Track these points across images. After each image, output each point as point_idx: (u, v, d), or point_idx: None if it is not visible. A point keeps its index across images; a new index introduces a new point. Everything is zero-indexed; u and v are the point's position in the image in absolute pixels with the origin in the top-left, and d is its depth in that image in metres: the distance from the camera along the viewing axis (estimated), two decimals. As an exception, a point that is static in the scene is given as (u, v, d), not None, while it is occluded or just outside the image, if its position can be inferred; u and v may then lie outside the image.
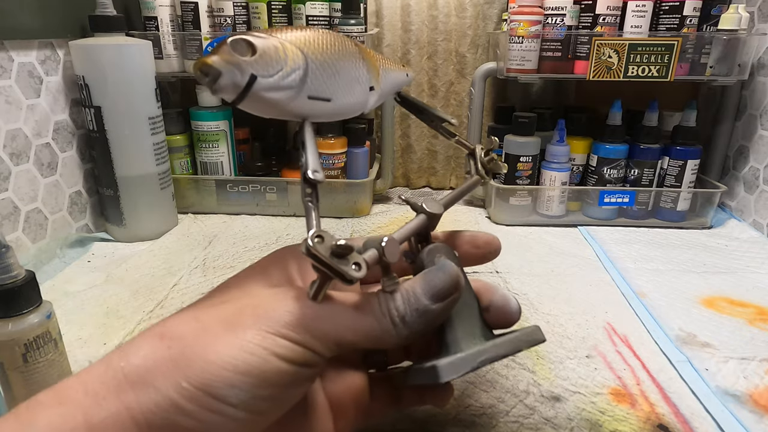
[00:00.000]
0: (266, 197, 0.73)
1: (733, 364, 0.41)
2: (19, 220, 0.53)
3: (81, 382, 0.21)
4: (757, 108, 0.70)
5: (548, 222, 0.71)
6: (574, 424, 0.35)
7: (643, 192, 0.69)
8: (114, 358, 0.21)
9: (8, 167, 0.52)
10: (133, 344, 0.22)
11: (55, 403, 0.21)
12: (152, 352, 0.21)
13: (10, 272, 0.31)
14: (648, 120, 0.68)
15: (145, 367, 0.21)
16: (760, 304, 0.50)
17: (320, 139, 0.71)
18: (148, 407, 0.20)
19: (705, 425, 0.35)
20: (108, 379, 0.21)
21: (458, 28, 0.78)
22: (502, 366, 0.40)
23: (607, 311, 0.49)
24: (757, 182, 0.69)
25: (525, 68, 0.66)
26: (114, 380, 0.21)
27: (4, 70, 0.51)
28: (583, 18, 0.66)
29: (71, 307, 0.48)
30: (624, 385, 0.39)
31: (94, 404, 0.20)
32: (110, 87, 0.57)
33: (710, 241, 0.65)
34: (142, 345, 0.22)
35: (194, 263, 0.58)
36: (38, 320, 0.33)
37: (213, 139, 0.71)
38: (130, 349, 0.22)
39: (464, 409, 0.36)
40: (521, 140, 0.68)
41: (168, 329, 0.22)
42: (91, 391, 0.21)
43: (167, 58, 0.69)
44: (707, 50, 0.65)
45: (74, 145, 0.62)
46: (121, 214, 0.62)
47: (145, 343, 0.22)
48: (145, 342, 0.22)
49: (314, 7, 0.66)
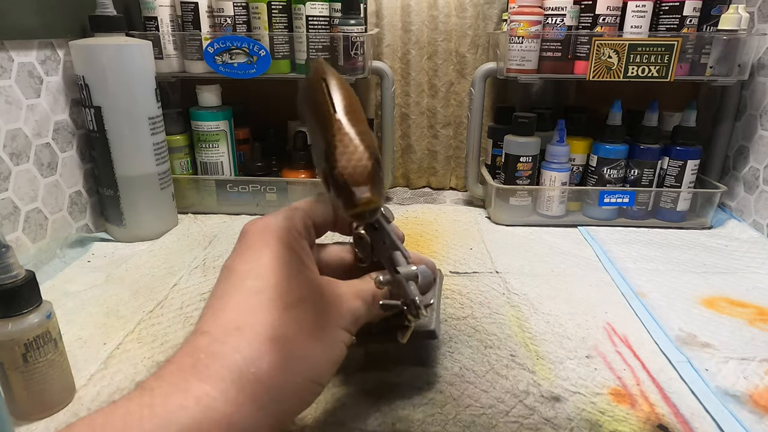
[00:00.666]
0: (266, 197, 0.73)
1: (733, 364, 0.41)
2: (19, 220, 0.53)
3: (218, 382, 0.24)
4: (757, 108, 0.70)
5: (548, 222, 0.71)
6: (574, 424, 0.35)
7: (643, 192, 0.69)
8: (242, 365, 0.25)
9: (8, 167, 0.52)
10: (252, 351, 0.25)
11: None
12: (268, 356, 0.25)
13: (10, 272, 0.31)
14: (648, 120, 0.68)
15: (273, 373, 0.26)
16: (760, 304, 0.50)
17: (320, 139, 0.71)
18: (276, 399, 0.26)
19: (705, 425, 0.35)
20: (244, 384, 0.24)
21: (458, 28, 0.78)
22: (502, 366, 0.40)
23: (607, 311, 0.49)
24: (757, 182, 0.69)
25: (525, 68, 0.66)
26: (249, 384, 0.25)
27: (4, 70, 0.51)
28: (583, 18, 0.66)
29: (71, 307, 0.48)
30: (624, 386, 0.38)
31: (235, 410, 0.24)
32: (110, 87, 0.57)
33: (710, 242, 0.65)
34: (262, 352, 0.25)
35: (194, 263, 0.58)
36: (38, 320, 0.33)
37: (213, 139, 0.71)
38: (252, 355, 0.25)
39: (464, 409, 0.36)
40: (521, 140, 0.68)
41: (279, 331, 0.26)
42: (232, 399, 0.24)
43: (167, 58, 0.69)
44: (707, 50, 0.65)
45: (74, 145, 0.62)
46: (121, 214, 0.62)
47: (263, 348, 0.26)
48: (262, 347, 0.26)
49: (314, 7, 0.66)
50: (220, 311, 0.27)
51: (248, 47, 0.66)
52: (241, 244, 0.31)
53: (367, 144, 0.25)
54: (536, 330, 0.45)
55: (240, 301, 0.27)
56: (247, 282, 0.28)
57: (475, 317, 0.47)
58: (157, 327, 0.45)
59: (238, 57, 0.66)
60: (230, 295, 0.28)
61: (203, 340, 0.25)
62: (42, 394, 0.34)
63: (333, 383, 0.38)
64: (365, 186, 0.24)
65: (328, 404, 0.36)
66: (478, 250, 0.62)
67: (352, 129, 0.25)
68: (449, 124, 0.84)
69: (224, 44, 0.66)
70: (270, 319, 0.26)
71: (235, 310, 0.27)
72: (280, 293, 0.27)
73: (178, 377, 0.24)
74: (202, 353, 0.25)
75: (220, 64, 0.67)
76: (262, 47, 0.66)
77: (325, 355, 0.28)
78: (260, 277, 0.28)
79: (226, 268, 0.29)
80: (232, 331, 0.26)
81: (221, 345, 0.25)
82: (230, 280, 0.28)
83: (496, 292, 0.52)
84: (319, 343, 0.28)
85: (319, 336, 0.28)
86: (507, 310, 0.49)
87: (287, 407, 0.26)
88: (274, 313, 0.27)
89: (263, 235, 0.30)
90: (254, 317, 0.26)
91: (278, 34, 0.68)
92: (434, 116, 0.83)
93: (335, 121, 0.25)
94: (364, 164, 0.24)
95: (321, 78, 0.28)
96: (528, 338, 0.44)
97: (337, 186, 0.24)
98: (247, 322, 0.26)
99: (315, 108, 0.27)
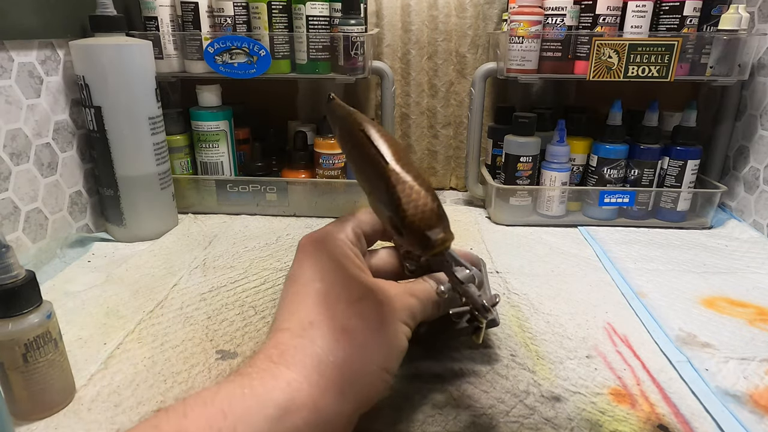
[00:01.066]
0: (266, 197, 0.73)
1: (733, 364, 0.41)
2: (19, 220, 0.53)
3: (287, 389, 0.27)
4: (757, 108, 0.70)
5: (548, 222, 0.71)
6: (574, 424, 0.35)
7: (643, 192, 0.69)
8: (321, 354, 0.29)
9: (8, 167, 0.52)
10: (328, 342, 0.29)
11: None
12: (342, 345, 0.29)
13: (10, 272, 0.31)
14: (648, 120, 0.67)
15: (348, 361, 0.29)
16: (761, 304, 0.50)
17: (320, 139, 0.71)
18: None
19: (705, 425, 0.35)
20: (324, 370, 0.28)
21: (458, 28, 0.78)
22: (502, 366, 0.40)
23: (607, 311, 0.49)
24: (757, 182, 0.69)
25: (525, 68, 0.66)
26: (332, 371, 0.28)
27: (4, 70, 0.51)
28: (583, 18, 0.66)
29: (71, 307, 0.48)
30: (624, 386, 0.38)
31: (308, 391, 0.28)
32: (110, 87, 0.57)
33: (710, 242, 0.65)
34: (337, 342, 0.29)
35: (194, 263, 0.58)
36: (38, 320, 0.33)
37: (213, 139, 0.71)
38: (328, 346, 0.29)
39: (464, 409, 0.36)
40: (521, 140, 0.68)
41: (348, 323, 0.30)
42: (315, 383, 0.28)
43: (167, 58, 0.69)
44: (707, 50, 0.65)
45: (74, 145, 0.62)
46: (121, 214, 0.62)
47: (337, 338, 0.29)
48: (335, 337, 0.29)
49: (314, 7, 0.66)
50: (294, 310, 0.31)
51: (248, 47, 0.66)
52: (301, 255, 0.34)
53: (425, 186, 0.26)
54: (536, 330, 0.45)
55: (310, 301, 0.31)
56: (313, 285, 0.32)
57: (475, 317, 0.47)
58: (158, 327, 0.45)
59: (238, 57, 0.66)
60: (301, 297, 0.32)
61: (284, 336, 0.29)
62: (42, 394, 0.34)
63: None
64: (437, 228, 0.26)
65: (329, 404, 0.36)
66: (478, 250, 0.62)
67: (408, 176, 0.26)
68: (449, 124, 0.84)
69: (224, 44, 0.66)
70: (338, 313, 0.30)
71: (307, 309, 0.31)
72: (343, 291, 0.31)
73: (268, 364, 0.28)
74: (284, 345, 0.29)
75: (220, 64, 0.67)
76: (262, 47, 0.66)
77: (390, 346, 0.31)
78: (324, 280, 0.32)
79: (291, 277, 0.34)
80: (308, 326, 0.30)
81: (300, 339, 0.29)
82: (297, 285, 0.33)
83: (496, 291, 0.52)
84: (383, 334, 0.31)
85: (383, 329, 0.31)
86: (507, 310, 0.49)
87: (364, 394, 0.29)
88: (342, 308, 0.30)
89: (319, 245, 0.34)
90: (325, 313, 0.30)
91: (278, 34, 0.68)
92: (434, 116, 0.83)
93: (391, 172, 0.27)
94: (431, 207, 0.26)
95: (360, 130, 0.29)
96: (528, 338, 0.44)
97: (411, 233, 0.26)
98: (320, 318, 0.30)
99: (363, 160, 0.29)
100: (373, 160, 0.28)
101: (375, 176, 0.28)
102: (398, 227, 0.26)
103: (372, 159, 0.28)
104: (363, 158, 0.29)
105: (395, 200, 0.26)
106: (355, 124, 0.30)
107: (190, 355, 0.41)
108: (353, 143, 0.30)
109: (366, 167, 0.29)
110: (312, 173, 0.73)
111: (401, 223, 0.26)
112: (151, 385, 0.38)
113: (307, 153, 0.73)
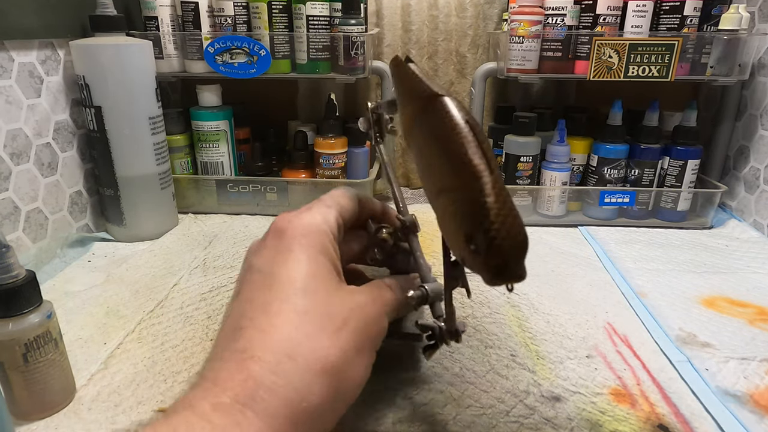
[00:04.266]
0: (266, 197, 0.73)
1: (733, 364, 0.41)
2: (19, 220, 0.53)
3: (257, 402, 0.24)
4: (757, 108, 0.70)
5: (548, 222, 0.71)
6: (574, 424, 0.35)
7: (643, 192, 0.69)
8: (295, 399, 0.25)
9: (8, 167, 0.52)
10: (305, 385, 0.25)
11: None
12: (318, 389, 0.26)
13: (11, 272, 0.31)
14: (648, 120, 0.67)
15: (321, 406, 0.26)
16: (761, 304, 0.50)
17: (320, 139, 0.71)
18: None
19: (705, 425, 0.35)
20: (296, 418, 0.25)
21: (458, 28, 0.78)
22: (502, 366, 0.40)
23: (607, 311, 0.49)
24: (757, 182, 0.69)
25: (525, 68, 0.66)
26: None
27: (5, 70, 0.51)
28: (583, 18, 0.66)
29: (71, 307, 0.48)
30: (624, 385, 0.38)
31: None
32: (111, 87, 0.57)
33: (710, 241, 0.65)
34: (314, 385, 0.26)
35: (194, 263, 0.58)
36: (38, 320, 0.33)
37: (213, 139, 0.71)
38: (304, 389, 0.25)
39: (464, 409, 0.36)
40: (521, 140, 0.68)
41: (327, 360, 0.27)
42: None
43: (168, 58, 0.69)
44: (708, 50, 0.65)
45: (74, 145, 0.62)
46: (121, 214, 0.62)
47: (315, 381, 0.26)
48: (314, 380, 0.26)
49: (314, 7, 0.66)
50: (268, 330, 0.26)
51: (248, 47, 0.66)
52: (279, 244, 0.29)
53: (517, 211, 0.23)
54: (536, 330, 0.45)
55: (289, 321, 0.26)
56: (294, 298, 0.27)
57: (475, 317, 0.47)
58: (158, 327, 0.45)
59: (239, 57, 0.66)
60: (277, 311, 0.27)
61: (255, 368, 0.24)
62: (42, 394, 0.34)
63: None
64: (522, 261, 0.23)
65: (329, 404, 0.36)
66: (479, 250, 0.62)
67: (503, 192, 0.23)
68: (449, 124, 0.84)
69: (224, 44, 0.66)
70: (321, 347, 0.26)
71: (285, 333, 0.26)
72: (327, 316, 0.27)
73: (233, 407, 0.23)
74: (255, 383, 0.24)
75: (221, 63, 0.67)
76: (262, 47, 0.66)
77: (360, 380, 0.28)
78: (306, 293, 0.27)
79: (266, 272, 0.28)
80: (285, 360, 0.25)
81: (275, 376, 0.24)
82: (273, 289, 0.28)
83: (496, 291, 0.52)
84: (358, 368, 0.28)
85: (358, 362, 0.28)
86: (507, 309, 0.49)
87: (322, 430, 0.27)
88: (324, 341, 0.26)
89: (303, 240, 0.29)
90: (306, 345, 0.26)
91: (278, 34, 0.68)
92: (434, 116, 0.83)
93: (490, 185, 0.22)
94: (524, 236, 0.23)
95: (465, 121, 0.25)
96: (528, 338, 0.44)
97: (494, 257, 0.22)
98: (300, 351, 0.25)
99: (448, 155, 0.25)
100: (467, 160, 0.23)
101: (461, 180, 0.24)
102: (479, 245, 0.22)
103: (465, 158, 0.23)
104: (448, 153, 0.25)
105: (485, 216, 0.22)
106: (452, 112, 0.25)
107: (191, 354, 0.41)
108: (438, 132, 0.25)
109: (448, 163, 0.25)
110: (312, 173, 0.73)
111: (485, 243, 0.22)
112: (151, 385, 0.38)
113: (307, 153, 0.73)
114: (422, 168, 0.29)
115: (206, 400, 0.23)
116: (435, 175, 0.27)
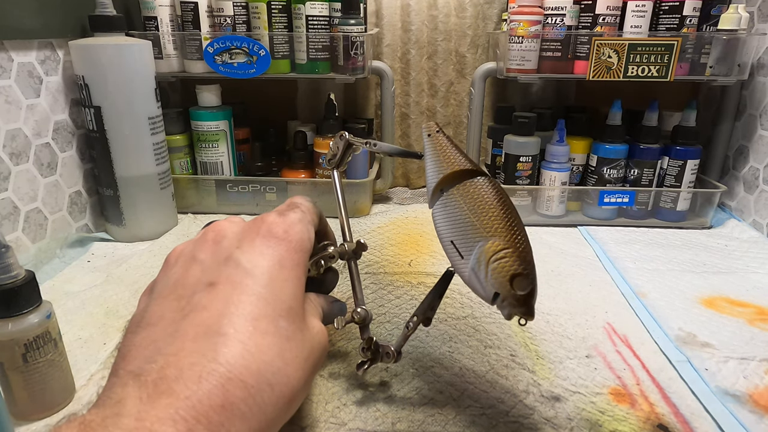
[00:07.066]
0: (266, 197, 0.73)
1: (733, 364, 0.41)
2: (18, 220, 0.53)
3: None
4: (756, 108, 0.70)
5: (548, 222, 0.71)
6: (574, 424, 0.35)
7: (643, 192, 0.69)
8: None
9: (8, 167, 0.52)
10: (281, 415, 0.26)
11: None
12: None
13: (10, 272, 0.31)
14: (648, 120, 0.68)
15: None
16: (760, 304, 0.50)
17: (320, 139, 0.71)
18: None
19: (705, 425, 0.35)
20: None
21: (458, 28, 0.78)
22: (502, 366, 0.40)
23: (607, 311, 0.49)
24: (756, 182, 0.69)
25: (525, 68, 0.66)
26: None
27: (4, 70, 0.51)
28: (583, 18, 0.66)
29: (71, 307, 0.48)
30: (624, 385, 0.39)
31: None
32: (110, 87, 0.57)
33: (710, 241, 0.65)
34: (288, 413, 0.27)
35: (194, 263, 0.57)
36: (38, 320, 0.33)
37: (213, 139, 0.71)
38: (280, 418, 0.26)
39: (464, 409, 0.36)
40: (521, 140, 0.68)
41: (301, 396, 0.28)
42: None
43: (167, 58, 0.69)
44: (707, 50, 0.65)
45: (74, 145, 0.62)
46: (121, 214, 0.62)
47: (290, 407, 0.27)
48: (290, 405, 0.27)
49: (314, 7, 0.66)
50: (254, 350, 0.24)
51: (248, 47, 0.66)
52: (274, 253, 0.28)
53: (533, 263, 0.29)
54: (536, 330, 0.45)
55: (275, 345, 0.25)
56: (281, 321, 0.26)
57: (475, 317, 0.47)
58: (157, 327, 0.45)
59: (238, 57, 0.66)
60: (264, 330, 0.25)
61: (237, 393, 0.23)
62: (42, 394, 0.34)
63: (333, 384, 0.38)
64: (534, 302, 0.28)
65: (328, 404, 0.36)
66: (478, 249, 0.62)
67: (524, 243, 0.30)
68: (449, 124, 0.84)
69: (224, 44, 0.66)
70: (294, 377, 0.26)
71: (269, 357, 0.25)
72: (301, 342, 0.27)
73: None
74: (232, 415, 0.22)
75: (220, 63, 0.67)
76: (261, 47, 0.66)
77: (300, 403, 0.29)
78: (290, 317, 0.27)
79: (261, 282, 0.27)
80: (266, 389, 0.24)
81: (252, 405, 0.23)
82: (269, 304, 0.26)
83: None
84: (306, 393, 0.29)
85: (309, 388, 0.30)
86: (507, 309, 0.49)
87: None
88: (298, 371, 0.26)
89: (296, 256, 0.29)
90: (283, 372, 0.25)
91: (278, 34, 0.68)
92: (434, 116, 0.83)
93: (518, 241, 0.30)
94: (534, 287, 0.28)
95: (496, 191, 0.31)
96: (528, 338, 0.44)
97: (518, 301, 0.28)
98: (278, 380, 0.25)
99: (476, 211, 0.31)
100: (493, 215, 0.30)
101: (482, 233, 0.30)
102: (503, 288, 0.28)
103: (491, 214, 0.30)
104: (477, 210, 0.30)
105: (506, 268, 0.28)
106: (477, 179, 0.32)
107: (190, 355, 0.41)
108: (469, 197, 0.31)
109: (472, 219, 0.30)
110: (312, 173, 0.73)
111: (513, 289, 0.28)
112: (150, 385, 0.38)
113: (307, 153, 0.73)
114: (442, 227, 0.33)
115: (175, 426, 0.21)
116: (453, 231, 0.32)
